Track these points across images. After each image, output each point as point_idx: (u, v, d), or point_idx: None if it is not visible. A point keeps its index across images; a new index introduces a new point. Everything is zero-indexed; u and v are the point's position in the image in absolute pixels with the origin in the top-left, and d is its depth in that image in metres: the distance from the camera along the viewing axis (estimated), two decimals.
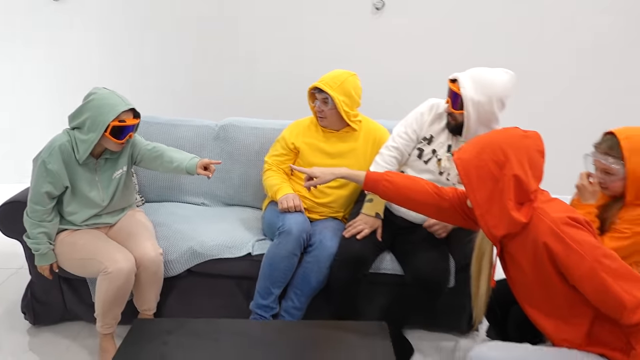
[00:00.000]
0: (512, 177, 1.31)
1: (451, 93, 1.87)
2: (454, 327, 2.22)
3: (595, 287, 1.24)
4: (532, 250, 1.33)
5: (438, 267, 1.93)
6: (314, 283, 1.99)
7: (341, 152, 2.19)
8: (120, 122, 1.79)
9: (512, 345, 1.46)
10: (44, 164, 1.80)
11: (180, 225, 2.22)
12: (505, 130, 1.41)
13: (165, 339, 1.44)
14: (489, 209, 1.35)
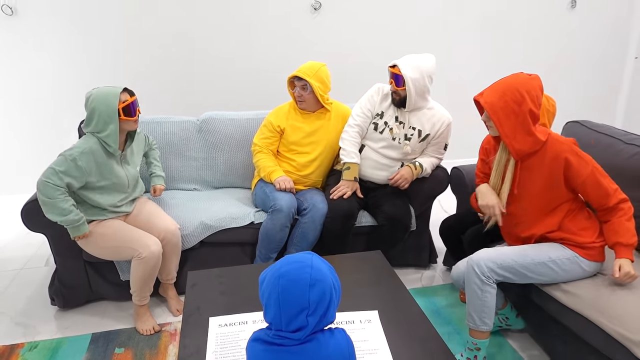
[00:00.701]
0: (528, 111, 1.71)
1: (394, 75, 2.40)
2: (418, 263, 2.79)
3: (592, 185, 1.74)
4: (549, 162, 1.75)
5: (403, 210, 2.48)
6: (311, 238, 2.46)
7: (317, 129, 2.63)
8: (124, 103, 2.09)
9: (499, 247, 1.92)
10: (75, 160, 2.02)
11: (185, 206, 2.57)
12: (516, 75, 1.75)
13: (219, 280, 1.83)
14: (514, 136, 1.75)
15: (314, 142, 2.62)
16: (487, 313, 1.82)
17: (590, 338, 1.68)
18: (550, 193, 1.81)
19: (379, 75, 4.09)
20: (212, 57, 3.79)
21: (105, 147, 2.11)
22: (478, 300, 1.81)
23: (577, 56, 4.54)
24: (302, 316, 1.07)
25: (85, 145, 2.07)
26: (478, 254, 1.85)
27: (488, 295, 1.80)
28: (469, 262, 1.85)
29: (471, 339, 1.89)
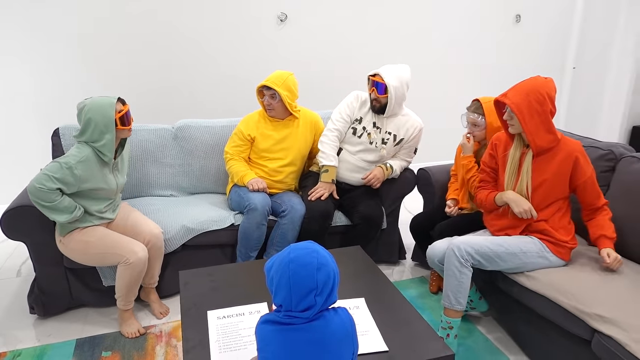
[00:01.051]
0: (549, 112, 1.92)
1: (375, 84, 2.58)
2: (389, 259, 2.96)
3: (591, 185, 1.97)
4: (561, 159, 1.95)
5: (376, 210, 2.65)
6: (290, 238, 2.57)
7: (286, 136, 2.73)
8: (120, 112, 2.14)
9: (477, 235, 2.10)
10: (72, 169, 2.04)
11: (164, 211, 2.62)
12: (535, 78, 1.94)
13: (210, 278, 1.91)
14: (537, 133, 1.93)
15: (285, 149, 2.72)
16: (462, 293, 2.00)
17: (550, 315, 1.90)
18: (553, 188, 1.99)
19: (342, 83, 4.29)
20: (185, 66, 3.85)
21: (99, 156, 2.15)
22: (456, 280, 2.00)
23: (524, 66, 4.92)
24: (311, 296, 1.19)
25: (82, 154, 2.09)
26: (459, 239, 2.03)
27: (465, 277, 1.99)
28: (450, 245, 2.03)
29: (445, 318, 2.06)
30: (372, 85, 2.61)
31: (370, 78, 2.62)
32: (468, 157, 2.49)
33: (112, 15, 3.58)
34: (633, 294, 1.80)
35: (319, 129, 2.83)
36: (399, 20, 4.32)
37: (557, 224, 2.03)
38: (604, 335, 1.67)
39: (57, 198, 2.04)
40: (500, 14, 4.65)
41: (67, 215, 2.09)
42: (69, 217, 2.09)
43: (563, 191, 2.02)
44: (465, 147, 2.50)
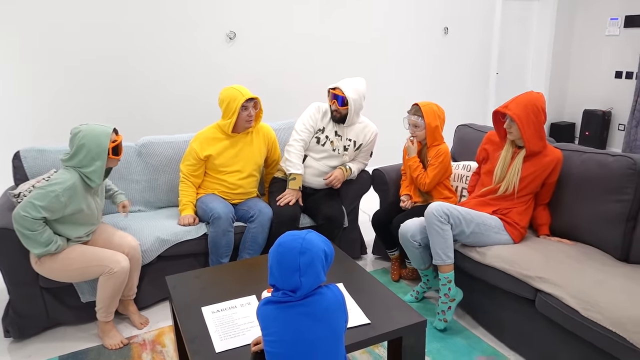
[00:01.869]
0: (542, 121, 2.28)
1: (336, 96, 2.80)
2: (351, 255, 3.19)
3: (550, 187, 2.38)
4: (545, 163, 2.31)
5: (338, 210, 2.87)
6: (261, 241, 2.73)
7: (242, 148, 2.85)
8: (114, 142, 2.24)
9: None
10: (58, 197, 2.08)
11: (136, 225, 2.70)
12: (530, 93, 2.30)
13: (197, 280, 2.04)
14: (532, 140, 2.27)
15: (242, 161, 2.85)
16: (449, 247, 2.29)
17: (499, 283, 2.20)
18: (530, 184, 2.35)
19: (294, 96, 4.52)
20: (140, 85, 3.91)
21: (85, 181, 2.20)
22: (441, 238, 2.28)
23: (455, 72, 5.39)
24: (296, 277, 1.36)
25: (68, 182, 2.13)
26: (434, 204, 2.32)
27: (447, 232, 2.28)
28: (427, 210, 2.31)
29: (443, 275, 2.34)
30: (333, 97, 2.83)
31: (331, 91, 2.85)
32: (413, 159, 2.78)
33: (64, 36, 3.60)
34: (565, 259, 2.13)
35: (271, 138, 3.00)
36: (344, 35, 4.63)
37: (521, 210, 2.38)
38: (545, 293, 1.98)
39: (39, 228, 2.10)
40: (431, 27, 5.09)
41: (42, 248, 2.14)
42: (43, 251, 2.14)
43: (536, 187, 2.38)
44: (409, 149, 2.80)
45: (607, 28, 5.65)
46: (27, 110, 3.62)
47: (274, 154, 3.07)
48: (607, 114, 5.65)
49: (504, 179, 2.39)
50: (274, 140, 3.03)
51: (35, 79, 3.60)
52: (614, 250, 2.22)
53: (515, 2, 5.72)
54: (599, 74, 5.83)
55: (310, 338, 1.37)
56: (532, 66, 6.11)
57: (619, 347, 1.70)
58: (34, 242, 2.11)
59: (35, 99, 3.63)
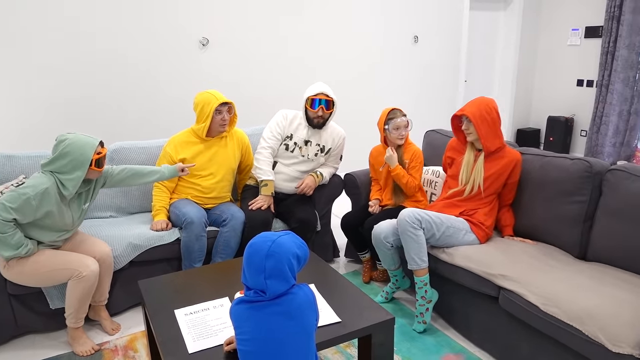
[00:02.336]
0: (496, 120, 2.42)
1: (322, 101, 2.84)
2: (324, 258, 3.23)
3: (511, 187, 2.49)
4: (505, 162, 2.43)
5: (310, 213, 2.91)
6: (233, 245, 2.76)
7: (216, 153, 2.88)
8: (98, 155, 2.22)
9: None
10: (29, 200, 2.06)
11: (109, 230, 2.68)
12: (481, 97, 2.45)
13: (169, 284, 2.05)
14: (488, 137, 2.40)
15: (216, 165, 2.87)
16: (423, 252, 2.36)
17: (465, 281, 2.29)
18: (493, 183, 2.45)
19: (266, 101, 4.56)
20: (113, 91, 3.88)
21: (60, 188, 2.18)
22: (415, 243, 2.35)
23: (425, 80, 5.53)
24: (261, 278, 1.39)
25: (42, 186, 2.11)
26: (406, 211, 2.39)
27: (421, 237, 2.35)
28: (400, 217, 2.38)
29: (419, 279, 2.40)
30: (319, 103, 2.86)
31: (314, 97, 2.85)
32: (397, 167, 2.78)
33: (35, 43, 3.55)
34: (527, 258, 2.23)
35: (245, 143, 3.04)
36: (316, 41, 4.70)
37: (486, 211, 2.48)
38: (507, 290, 2.07)
39: (9, 231, 2.08)
40: (401, 35, 5.21)
41: (12, 251, 2.12)
42: (13, 253, 2.13)
43: (499, 187, 2.48)
44: (392, 159, 2.77)
45: (569, 38, 5.90)
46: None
47: (247, 159, 3.10)
48: (569, 120, 5.88)
49: (469, 180, 2.49)
50: (247, 145, 3.06)
51: (3, 85, 3.54)
52: (572, 249, 2.33)
53: (482, 12, 5.92)
54: (562, 82, 6.07)
55: (281, 336, 1.42)
56: (498, 74, 6.31)
57: (576, 339, 1.79)
58: (3, 244, 2.09)
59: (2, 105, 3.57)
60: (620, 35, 5.15)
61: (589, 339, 1.75)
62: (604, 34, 5.32)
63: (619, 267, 2.16)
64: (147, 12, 3.90)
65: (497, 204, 2.55)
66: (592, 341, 1.74)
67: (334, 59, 4.87)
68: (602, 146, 5.53)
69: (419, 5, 5.26)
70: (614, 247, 2.17)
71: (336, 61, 4.88)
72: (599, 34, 5.56)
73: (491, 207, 2.50)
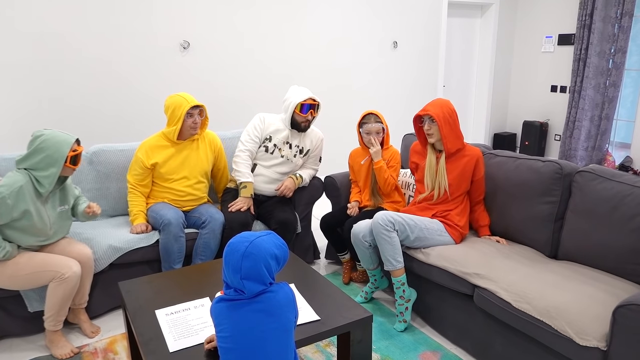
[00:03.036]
0: (457, 122, 2.48)
1: (312, 106, 2.89)
2: (305, 259, 3.27)
3: (479, 183, 2.54)
4: (465, 161, 2.49)
5: (290, 215, 2.95)
6: (213, 247, 2.77)
7: (188, 156, 2.88)
8: (74, 152, 2.22)
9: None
10: (4, 199, 2.06)
11: (89, 233, 2.67)
12: (441, 99, 2.50)
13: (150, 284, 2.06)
14: (450, 138, 2.45)
15: (189, 168, 2.87)
16: (398, 253, 2.42)
17: (441, 280, 2.35)
18: (460, 183, 2.52)
19: (245, 104, 4.59)
20: (94, 93, 3.87)
21: (35, 185, 2.17)
22: (389, 245, 2.40)
23: (403, 84, 5.62)
24: (237, 278, 1.42)
25: (16, 184, 2.11)
26: (379, 213, 2.45)
27: (394, 239, 2.41)
28: (374, 220, 2.43)
29: (396, 279, 2.46)
30: (309, 107, 2.90)
31: (304, 103, 2.88)
32: (380, 162, 2.82)
33: (16, 45, 3.52)
34: (500, 257, 2.31)
35: (217, 145, 3.04)
36: (297, 46, 4.75)
37: (459, 211, 2.55)
38: (481, 288, 2.14)
39: None
40: (380, 41, 5.30)
41: None
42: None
43: (467, 186, 2.55)
44: (377, 153, 2.82)
45: (543, 45, 6.07)
46: None
47: (220, 162, 3.09)
48: (544, 125, 6.05)
49: (435, 184, 2.56)
50: (219, 148, 3.06)
51: None
52: (544, 248, 2.42)
53: (459, 19, 6.06)
54: (536, 88, 6.24)
55: (260, 333, 1.45)
56: (476, 79, 6.45)
57: (546, 333, 1.87)
58: None
59: None
60: (592, 42, 5.33)
61: (558, 333, 1.82)
62: (576, 41, 5.50)
63: (588, 265, 2.25)
64: (129, 14, 3.90)
65: (468, 203, 2.62)
66: (561, 335, 1.81)
67: (314, 63, 4.93)
68: (575, 150, 5.69)
69: (398, 11, 5.35)
70: (582, 246, 2.26)
71: (316, 65, 4.94)
72: (571, 41, 5.73)
73: (462, 207, 2.57)
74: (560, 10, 5.81)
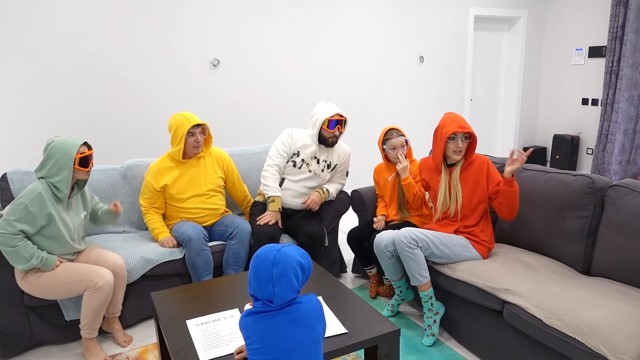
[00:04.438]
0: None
1: (339, 122, 2.94)
2: (331, 273, 3.28)
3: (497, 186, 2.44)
4: (475, 170, 2.47)
5: (318, 228, 2.97)
6: (243, 256, 2.82)
7: (195, 174, 2.91)
8: (82, 154, 2.32)
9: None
10: (27, 207, 2.18)
11: (122, 245, 2.76)
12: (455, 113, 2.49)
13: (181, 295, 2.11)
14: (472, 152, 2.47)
15: (198, 185, 2.91)
16: (423, 268, 2.42)
17: (469, 295, 2.33)
18: (475, 193, 2.49)
19: (272, 121, 4.67)
20: (125, 110, 4.02)
21: (54, 192, 2.29)
22: (413, 262, 2.41)
23: (429, 99, 5.62)
24: (269, 286, 1.45)
25: (35, 192, 2.23)
26: (402, 230, 2.45)
27: (419, 255, 2.41)
28: (396, 237, 2.44)
29: (423, 293, 2.46)
30: (336, 123, 2.95)
31: (332, 119, 2.93)
32: (408, 178, 2.81)
33: (50, 60, 3.70)
34: (529, 272, 2.27)
35: (225, 160, 3.07)
36: (324, 62, 4.83)
37: (482, 226, 2.52)
38: (511, 304, 2.11)
39: (20, 243, 2.17)
40: (407, 56, 5.33)
41: (25, 263, 2.21)
42: (26, 266, 2.22)
43: (483, 195, 2.50)
44: (404, 170, 2.80)
45: (572, 58, 5.99)
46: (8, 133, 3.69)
47: (232, 175, 3.11)
48: (575, 138, 5.93)
49: (452, 200, 2.53)
50: (228, 162, 3.08)
51: (17, 102, 3.68)
52: (576, 263, 2.37)
53: (486, 33, 6.04)
54: (566, 101, 6.14)
55: (289, 344, 1.47)
56: (504, 93, 6.40)
57: (578, 351, 1.82)
58: (17, 258, 2.18)
59: (18, 121, 3.70)
60: (624, 55, 5.23)
61: (591, 351, 1.78)
62: (607, 53, 5.40)
63: (622, 281, 2.19)
64: (161, 30, 4.05)
65: (489, 217, 2.58)
66: (594, 353, 1.77)
67: (341, 79, 4.99)
68: (608, 164, 5.56)
69: (425, 26, 5.38)
70: (616, 262, 2.20)
71: (343, 81, 5.00)
72: (602, 53, 5.64)
73: (484, 222, 2.54)
74: (590, 22, 5.73)
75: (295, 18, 4.61)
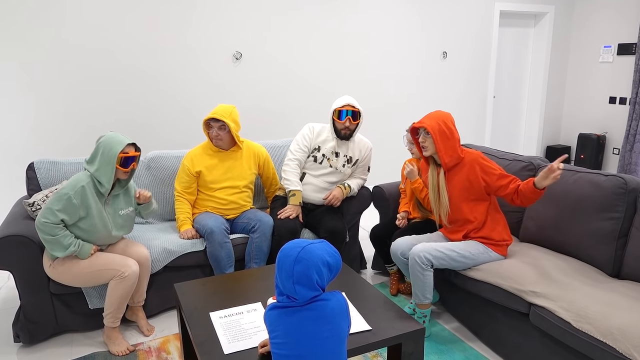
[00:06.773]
0: (454, 136, 2.36)
1: (350, 112, 2.90)
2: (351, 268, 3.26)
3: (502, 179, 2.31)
4: (467, 170, 2.36)
5: (339, 224, 2.95)
6: (265, 249, 2.82)
7: (231, 166, 2.96)
8: (125, 154, 2.34)
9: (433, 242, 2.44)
10: (70, 198, 2.21)
11: (145, 236, 2.78)
12: (439, 111, 2.41)
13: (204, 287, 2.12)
14: (447, 152, 2.36)
15: (232, 178, 2.94)
16: (427, 290, 2.38)
17: (495, 297, 2.28)
18: (468, 193, 2.40)
19: (294, 115, 4.65)
20: (149, 103, 4.04)
21: (97, 185, 2.31)
22: (420, 282, 2.36)
23: (452, 95, 5.55)
24: (290, 283, 1.44)
25: (79, 184, 2.25)
26: (417, 247, 2.39)
27: (427, 278, 2.36)
28: (411, 254, 2.39)
29: (419, 310, 2.43)
30: (346, 114, 2.91)
31: (342, 109, 2.91)
32: (417, 181, 2.79)
33: (76, 54, 3.74)
34: (556, 273, 2.22)
35: (262, 157, 3.09)
36: (346, 57, 4.79)
37: (491, 224, 2.44)
38: (538, 306, 2.07)
39: (60, 232, 2.21)
40: (430, 51, 5.26)
41: (64, 251, 2.26)
42: (65, 253, 2.26)
43: (480, 192, 2.41)
44: (412, 173, 2.77)
45: (600, 55, 5.84)
46: (35, 124, 3.74)
47: (268, 171, 3.14)
48: (601, 137, 5.79)
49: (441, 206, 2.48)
50: (265, 158, 3.10)
51: (45, 94, 3.73)
52: (605, 266, 2.31)
53: (511, 29, 5.92)
54: (593, 99, 5.99)
55: (314, 340, 1.46)
56: (528, 90, 6.28)
57: (609, 356, 1.78)
58: (56, 246, 2.22)
59: (45, 113, 3.75)
60: None
61: (623, 356, 1.73)
62: (637, 51, 5.26)
63: None
64: (184, 24, 4.06)
65: (497, 209, 2.49)
66: (626, 359, 1.72)
67: (362, 75, 4.94)
68: (635, 164, 5.42)
69: (448, 21, 5.30)
70: None
71: (366, 76, 4.96)
72: (632, 51, 5.48)
73: (492, 218, 2.46)
74: (619, 19, 5.58)
75: (317, 13, 4.58)
